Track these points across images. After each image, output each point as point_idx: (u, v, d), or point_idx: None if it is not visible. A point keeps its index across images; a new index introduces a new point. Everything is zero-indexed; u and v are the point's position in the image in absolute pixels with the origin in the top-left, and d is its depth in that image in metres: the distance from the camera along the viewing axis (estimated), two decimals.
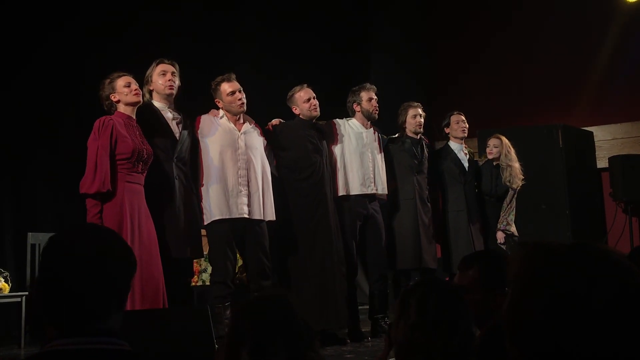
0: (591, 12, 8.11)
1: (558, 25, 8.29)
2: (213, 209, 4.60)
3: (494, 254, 2.80)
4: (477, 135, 7.38)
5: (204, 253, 4.89)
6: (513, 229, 5.82)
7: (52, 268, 1.41)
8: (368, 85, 5.56)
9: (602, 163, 7.96)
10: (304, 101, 5.18)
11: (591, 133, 8.10)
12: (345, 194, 5.28)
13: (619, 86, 8.01)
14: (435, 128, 6.92)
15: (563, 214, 7.33)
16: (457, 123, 6.03)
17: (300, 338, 1.54)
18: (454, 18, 9.04)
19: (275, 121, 5.23)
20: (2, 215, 5.71)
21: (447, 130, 6.10)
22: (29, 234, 5.28)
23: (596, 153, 8.09)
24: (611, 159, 7.62)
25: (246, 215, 4.67)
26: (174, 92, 4.48)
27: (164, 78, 4.44)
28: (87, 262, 1.39)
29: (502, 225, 5.81)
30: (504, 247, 5.72)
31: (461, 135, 6.02)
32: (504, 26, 8.62)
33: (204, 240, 4.78)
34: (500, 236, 5.79)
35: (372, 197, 5.40)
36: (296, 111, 5.23)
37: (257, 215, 4.73)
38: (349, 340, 5.00)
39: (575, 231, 7.22)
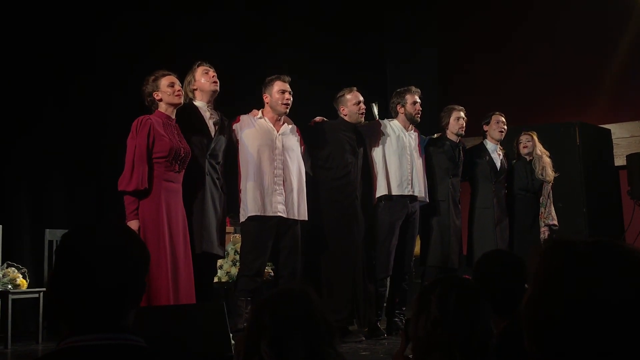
0: (609, 10, 8.04)
1: (576, 22, 8.23)
2: (249, 205, 4.66)
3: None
4: None
5: (225, 252, 4.92)
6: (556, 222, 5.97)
7: (69, 265, 1.40)
8: (413, 88, 5.61)
9: (619, 161, 7.89)
10: (354, 103, 5.28)
11: (609, 130, 8.03)
12: (386, 193, 5.35)
13: (637, 83, 7.95)
14: None
15: (580, 212, 7.26)
16: (497, 123, 6.05)
17: (319, 333, 1.54)
18: (468, 17, 9.00)
19: (318, 118, 5.33)
20: (20, 212, 5.77)
21: (485, 128, 6.11)
22: (47, 230, 5.33)
23: (614, 151, 8.01)
24: (629, 157, 7.55)
25: (281, 214, 4.73)
26: (218, 89, 4.53)
27: (207, 76, 4.50)
28: (105, 258, 1.39)
29: (548, 221, 5.93)
30: None
31: (498, 137, 6.06)
32: (521, 24, 8.56)
33: (228, 237, 4.81)
34: (545, 231, 5.91)
35: (413, 198, 5.46)
36: (344, 112, 5.31)
37: (291, 215, 4.80)
38: (364, 338, 5.01)
39: (592, 229, 7.15)
